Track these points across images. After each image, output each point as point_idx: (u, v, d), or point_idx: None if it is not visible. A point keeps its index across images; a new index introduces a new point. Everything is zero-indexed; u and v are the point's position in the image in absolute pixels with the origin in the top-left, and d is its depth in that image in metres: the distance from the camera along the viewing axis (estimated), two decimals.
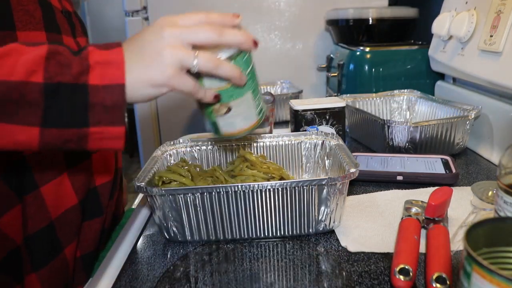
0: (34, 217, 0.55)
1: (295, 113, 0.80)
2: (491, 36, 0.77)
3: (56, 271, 0.59)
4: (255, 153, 0.69)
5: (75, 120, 0.43)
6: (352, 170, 0.53)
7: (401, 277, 0.42)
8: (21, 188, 0.54)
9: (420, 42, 1.18)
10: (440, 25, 0.93)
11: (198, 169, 0.64)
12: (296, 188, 0.51)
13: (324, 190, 0.52)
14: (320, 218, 0.54)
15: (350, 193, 0.67)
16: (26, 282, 0.56)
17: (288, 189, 0.51)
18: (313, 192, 0.52)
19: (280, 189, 0.51)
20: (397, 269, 0.43)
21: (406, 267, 0.43)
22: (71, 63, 0.43)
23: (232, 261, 0.51)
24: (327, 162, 0.67)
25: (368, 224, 0.57)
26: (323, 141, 0.68)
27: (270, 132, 0.88)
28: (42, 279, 0.56)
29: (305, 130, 0.79)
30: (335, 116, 0.80)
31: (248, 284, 0.47)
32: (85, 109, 0.43)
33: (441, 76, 1.07)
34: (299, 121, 0.80)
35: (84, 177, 0.62)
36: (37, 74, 0.42)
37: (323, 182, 0.51)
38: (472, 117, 0.80)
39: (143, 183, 0.53)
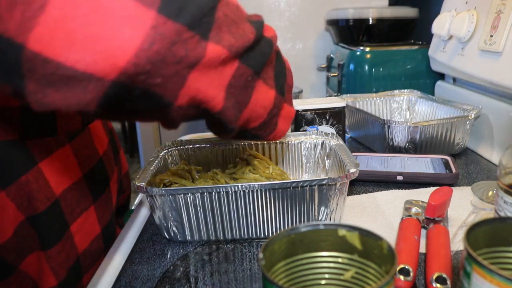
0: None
1: (295, 113, 0.80)
2: (491, 36, 0.77)
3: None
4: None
5: (282, 88, 0.46)
6: (352, 170, 0.53)
7: (401, 277, 0.42)
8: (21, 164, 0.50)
9: (420, 42, 1.18)
10: (440, 25, 0.93)
11: (199, 171, 0.64)
12: (296, 188, 0.51)
13: (324, 190, 0.52)
14: (320, 218, 0.54)
15: (350, 193, 0.67)
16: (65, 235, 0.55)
17: (288, 189, 0.51)
18: (313, 192, 0.52)
19: (280, 189, 0.51)
20: (397, 269, 0.43)
21: (406, 267, 0.43)
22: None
23: (232, 261, 0.51)
24: (327, 162, 0.67)
25: (368, 224, 0.57)
26: (323, 141, 0.68)
27: None
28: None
29: (305, 130, 0.79)
30: (335, 116, 0.80)
31: (248, 284, 0.47)
32: (283, 82, 0.46)
33: (441, 76, 1.07)
34: (299, 121, 0.80)
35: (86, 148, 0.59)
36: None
37: (323, 182, 0.51)
38: (472, 117, 0.80)
39: (143, 183, 0.53)
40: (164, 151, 0.67)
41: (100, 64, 0.28)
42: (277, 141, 0.70)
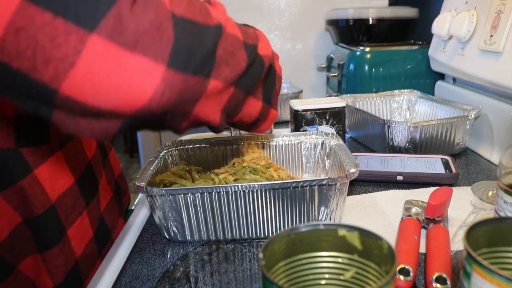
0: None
1: (295, 113, 0.80)
2: (491, 36, 0.77)
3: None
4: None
5: (270, 97, 0.52)
6: (352, 170, 0.53)
7: (401, 277, 0.42)
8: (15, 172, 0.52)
9: (420, 42, 1.18)
10: (440, 25, 0.93)
11: (199, 171, 0.64)
12: (296, 188, 0.51)
13: (324, 190, 0.52)
14: (320, 218, 0.54)
15: (350, 193, 0.67)
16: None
17: (288, 189, 0.51)
18: (313, 192, 0.52)
19: (280, 189, 0.51)
20: (397, 269, 0.43)
21: (406, 267, 0.43)
22: (268, 48, 0.50)
23: (232, 261, 0.51)
24: (327, 162, 0.67)
25: (368, 224, 0.57)
26: (323, 141, 0.68)
27: (270, 132, 0.88)
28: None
29: (305, 130, 0.79)
30: (335, 116, 0.80)
31: (248, 284, 0.47)
32: (271, 90, 0.52)
33: (441, 76, 1.07)
34: (299, 121, 0.80)
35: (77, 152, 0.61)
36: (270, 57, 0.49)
37: (323, 182, 0.51)
38: (472, 117, 0.80)
39: (143, 183, 0.53)
40: (164, 151, 0.67)
41: (120, 107, 0.34)
42: (277, 141, 0.70)
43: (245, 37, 0.43)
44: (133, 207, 0.78)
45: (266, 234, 0.55)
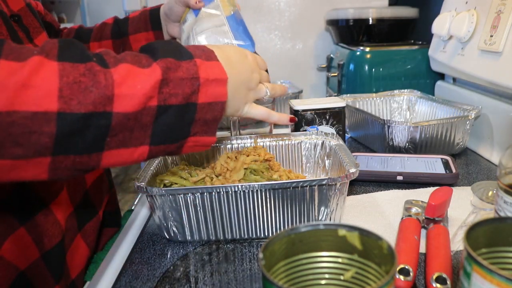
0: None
1: (295, 113, 0.80)
2: (491, 36, 0.77)
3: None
4: None
5: (179, 135, 0.45)
6: (352, 170, 0.53)
7: (401, 277, 0.42)
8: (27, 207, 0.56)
9: (420, 42, 1.18)
10: (440, 25, 0.93)
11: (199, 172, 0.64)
12: (296, 188, 0.51)
13: (324, 190, 0.52)
14: (320, 218, 0.54)
15: (350, 193, 0.67)
16: None
17: (288, 189, 0.51)
18: (313, 192, 0.52)
19: (280, 189, 0.51)
20: (397, 269, 0.43)
21: (406, 267, 0.43)
22: (183, 84, 0.43)
23: (232, 261, 0.51)
24: (327, 162, 0.67)
25: (368, 224, 0.57)
26: (323, 141, 0.68)
27: (270, 132, 0.88)
28: None
29: (305, 130, 0.79)
30: (335, 116, 0.80)
31: (248, 284, 0.47)
32: (189, 125, 0.45)
33: (441, 76, 1.07)
34: (299, 121, 0.80)
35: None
36: (153, 100, 0.41)
37: (323, 182, 0.51)
38: (472, 117, 0.80)
39: (143, 183, 0.53)
40: None
41: None
42: (277, 141, 0.70)
43: (66, 104, 0.37)
44: (133, 207, 0.78)
45: (266, 234, 0.55)
